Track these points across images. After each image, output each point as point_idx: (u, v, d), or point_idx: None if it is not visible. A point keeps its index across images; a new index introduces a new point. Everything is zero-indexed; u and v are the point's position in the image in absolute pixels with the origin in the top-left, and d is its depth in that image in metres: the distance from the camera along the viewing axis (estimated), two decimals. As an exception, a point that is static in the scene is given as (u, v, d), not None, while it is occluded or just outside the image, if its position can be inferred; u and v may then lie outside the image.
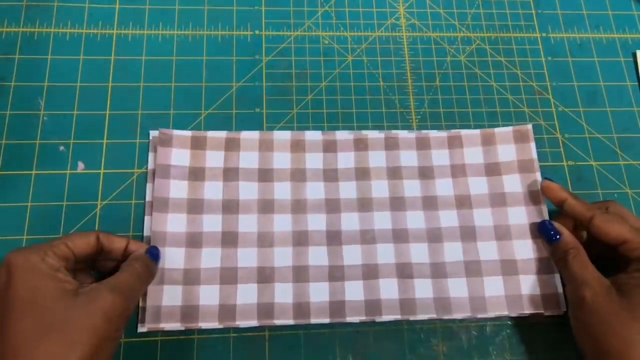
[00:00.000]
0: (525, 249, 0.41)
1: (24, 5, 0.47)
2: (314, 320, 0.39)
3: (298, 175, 0.43)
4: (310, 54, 0.48)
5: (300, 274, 0.40)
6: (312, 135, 0.44)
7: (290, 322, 0.39)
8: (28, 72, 0.45)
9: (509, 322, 0.40)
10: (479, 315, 0.40)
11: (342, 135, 0.44)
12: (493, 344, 0.40)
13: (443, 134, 0.45)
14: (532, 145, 0.44)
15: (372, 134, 0.44)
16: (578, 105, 0.48)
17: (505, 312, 0.40)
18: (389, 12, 0.50)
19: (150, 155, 0.43)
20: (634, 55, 0.50)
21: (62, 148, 0.43)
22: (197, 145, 0.43)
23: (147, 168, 0.42)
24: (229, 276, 0.39)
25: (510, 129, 0.45)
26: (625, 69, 0.50)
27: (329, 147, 0.44)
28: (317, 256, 0.40)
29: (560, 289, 0.40)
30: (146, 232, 0.40)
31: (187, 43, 0.47)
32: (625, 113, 0.48)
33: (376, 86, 0.47)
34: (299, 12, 0.49)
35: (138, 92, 0.45)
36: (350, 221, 0.42)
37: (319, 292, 0.39)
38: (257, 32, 0.48)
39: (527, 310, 0.40)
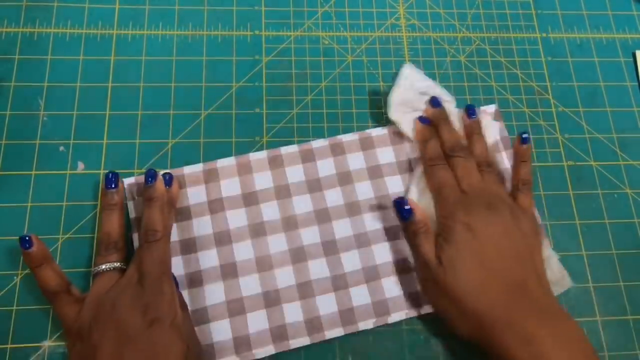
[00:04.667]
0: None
1: (24, 5, 0.47)
2: (328, 334, 0.38)
3: (282, 192, 0.42)
4: (310, 54, 0.48)
5: (305, 290, 0.40)
6: (288, 149, 0.43)
7: (307, 341, 0.38)
8: (28, 72, 0.45)
9: (508, 322, 0.40)
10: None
11: (318, 143, 0.44)
12: (493, 344, 0.40)
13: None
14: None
15: (347, 137, 0.44)
16: (578, 105, 0.48)
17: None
18: (389, 12, 0.50)
19: (130, 204, 0.41)
20: (634, 55, 0.50)
21: (62, 148, 0.43)
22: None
23: (134, 214, 0.40)
24: (236, 308, 0.39)
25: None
26: (625, 69, 0.50)
27: (307, 157, 0.43)
28: (318, 269, 0.40)
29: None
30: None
31: (187, 43, 0.47)
32: (625, 113, 0.48)
33: (376, 86, 0.47)
34: (299, 12, 0.49)
35: (138, 92, 0.45)
36: (343, 228, 0.41)
37: (327, 304, 0.39)
38: (257, 32, 0.48)
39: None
